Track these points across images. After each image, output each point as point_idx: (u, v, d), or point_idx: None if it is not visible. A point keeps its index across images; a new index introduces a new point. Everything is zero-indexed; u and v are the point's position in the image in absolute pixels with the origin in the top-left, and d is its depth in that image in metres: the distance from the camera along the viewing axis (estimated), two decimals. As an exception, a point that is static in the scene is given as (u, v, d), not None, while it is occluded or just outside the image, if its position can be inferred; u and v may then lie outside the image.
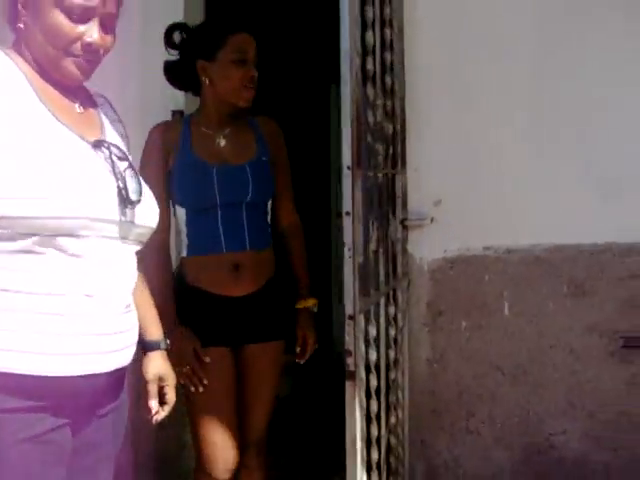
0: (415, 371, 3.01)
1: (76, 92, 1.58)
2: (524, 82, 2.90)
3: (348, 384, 2.21)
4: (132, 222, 1.51)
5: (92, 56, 1.51)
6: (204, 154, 2.41)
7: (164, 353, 1.82)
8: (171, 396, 1.80)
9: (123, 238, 1.52)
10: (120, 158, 1.55)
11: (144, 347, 1.78)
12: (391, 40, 2.74)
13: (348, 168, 2.16)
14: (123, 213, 1.49)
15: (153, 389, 1.75)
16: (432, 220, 2.97)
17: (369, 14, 2.42)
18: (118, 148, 1.57)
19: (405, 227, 2.95)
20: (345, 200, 2.17)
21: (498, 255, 2.94)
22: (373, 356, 2.48)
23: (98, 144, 1.52)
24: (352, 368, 2.20)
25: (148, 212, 1.59)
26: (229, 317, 2.40)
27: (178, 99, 3.04)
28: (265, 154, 2.49)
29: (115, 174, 1.50)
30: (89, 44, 1.49)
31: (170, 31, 2.49)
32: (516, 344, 2.93)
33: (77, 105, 1.57)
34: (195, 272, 2.41)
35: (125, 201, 1.49)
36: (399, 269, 2.88)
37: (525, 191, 2.91)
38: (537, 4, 2.90)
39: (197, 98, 2.59)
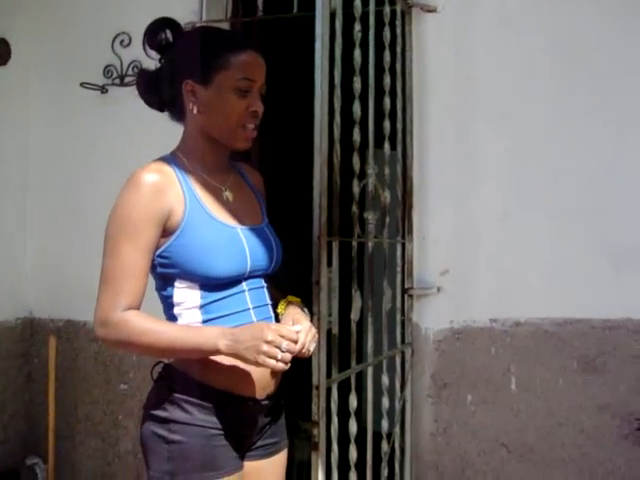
0: (418, 444, 2.93)
1: None
2: (534, 151, 2.84)
3: (313, 455, 2.19)
4: None
5: None
6: (219, 213, 1.77)
7: None
8: None
9: None
10: None
11: None
12: (395, 108, 2.78)
13: (318, 238, 2.16)
14: None
15: None
16: (439, 290, 2.92)
17: (356, 85, 2.43)
18: None
19: (410, 296, 2.92)
20: (315, 269, 2.17)
21: (505, 328, 2.84)
22: (354, 427, 2.43)
23: None
24: (317, 439, 2.17)
25: None
26: (256, 427, 1.83)
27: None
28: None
29: None
30: None
31: (155, 28, 1.83)
32: (523, 420, 2.82)
33: None
34: (212, 370, 1.72)
35: None
36: (398, 339, 2.84)
37: (534, 262, 2.83)
38: (549, 72, 2.84)
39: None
